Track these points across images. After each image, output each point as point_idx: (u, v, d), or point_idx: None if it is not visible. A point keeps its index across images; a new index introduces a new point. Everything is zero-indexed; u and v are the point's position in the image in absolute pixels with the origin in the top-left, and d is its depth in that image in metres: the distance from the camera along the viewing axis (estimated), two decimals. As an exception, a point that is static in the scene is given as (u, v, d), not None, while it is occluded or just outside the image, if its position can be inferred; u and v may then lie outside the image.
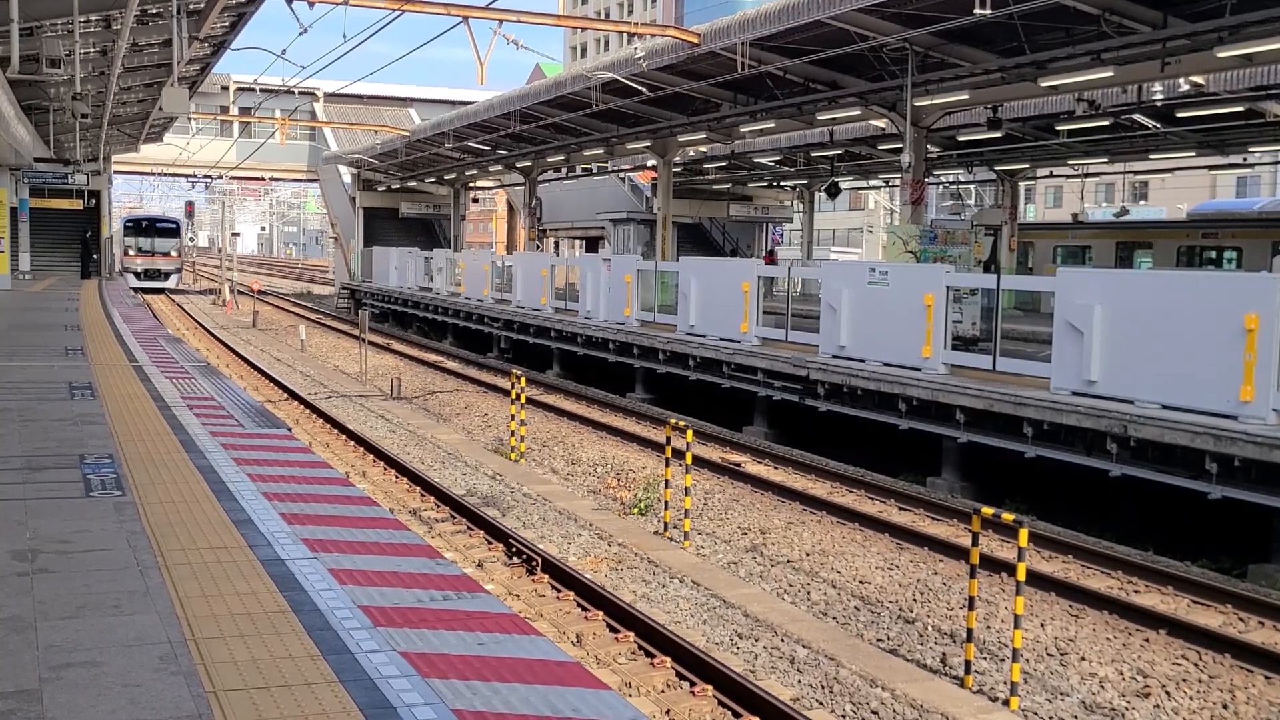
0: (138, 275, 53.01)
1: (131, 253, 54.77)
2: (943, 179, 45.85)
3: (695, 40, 20.37)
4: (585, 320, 24.95)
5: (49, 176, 34.61)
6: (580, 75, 24.93)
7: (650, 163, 36.14)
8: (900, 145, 21.48)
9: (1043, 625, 9.60)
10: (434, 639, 4.70)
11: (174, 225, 57.38)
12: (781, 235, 57.75)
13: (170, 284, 55.36)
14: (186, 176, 59.45)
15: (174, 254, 55.97)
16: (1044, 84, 18.60)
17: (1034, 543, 11.41)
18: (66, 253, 41.36)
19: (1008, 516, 8.54)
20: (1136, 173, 40.61)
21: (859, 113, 22.93)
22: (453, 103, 53.56)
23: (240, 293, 53.01)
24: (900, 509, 13.61)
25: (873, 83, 20.99)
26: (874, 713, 7.68)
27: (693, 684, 7.88)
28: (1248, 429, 10.97)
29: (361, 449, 16.97)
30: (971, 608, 8.40)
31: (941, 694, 8.00)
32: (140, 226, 55.67)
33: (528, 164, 37.98)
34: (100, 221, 42.73)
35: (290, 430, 10.30)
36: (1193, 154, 31.64)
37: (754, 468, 15.75)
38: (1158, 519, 12.64)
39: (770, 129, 26.99)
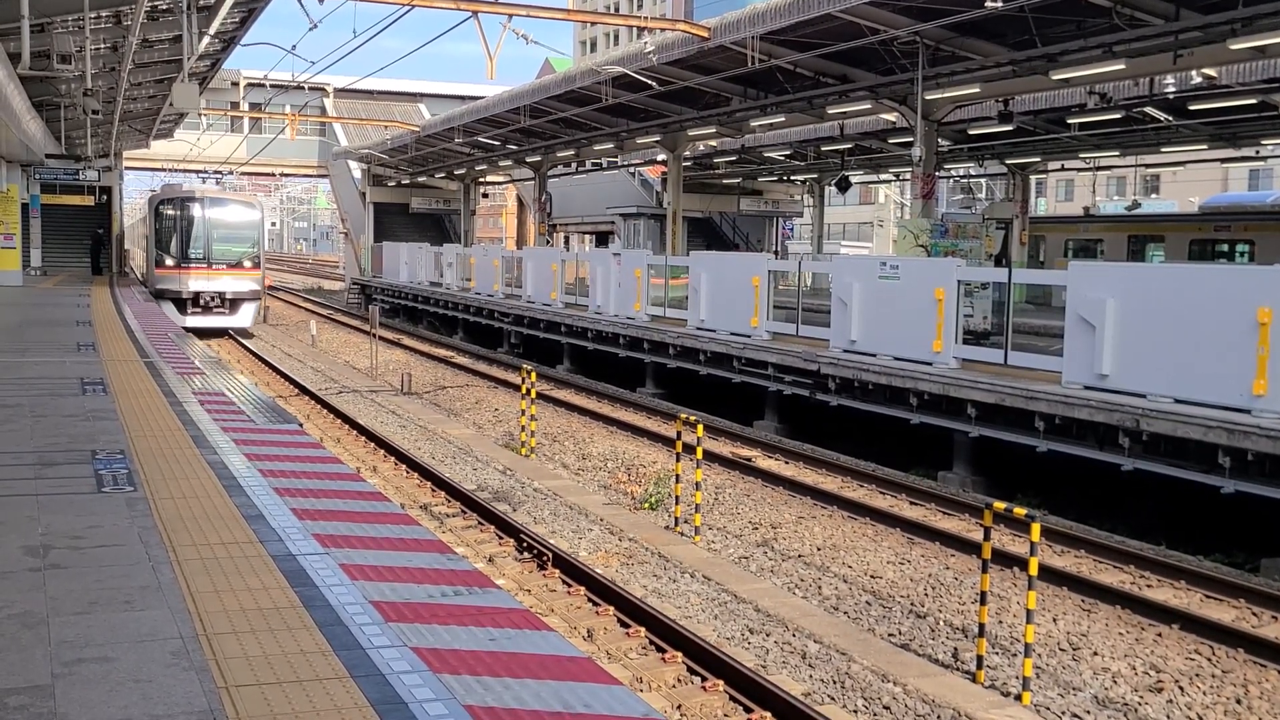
0: (182, 304, 31.43)
1: (169, 262, 31.91)
2: (953, 173, 45.74)
3: (705, 34, 20.34)
4: (595, 315, 24.94)
5: (60, 173, 34.68)
6: (590, 70, 24.91)
7: (660, 157, 36.11)
8: (911, 139, 21.43)
9: (1055, 620, 9.57)
10: (445, 634, 4.69)
11: (250, 211, 34.11)
12: (792, 229, 57.64)
13: (241, 321, 32.81)
14: (197, 172, 59.36)
15: (248, 265, 32.65)
16: (1055, 77, 18.53)
17: (1046, 537, 11.38)
18: (78, 249, 41.44)
19: (1019, 511, 8.51)
20: (1148, 166, 40.53)
21: (869, 106, 22.88)
22: (462, 98, 53.55)
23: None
24: (911, 504, 13.59)
25: (883, 76, 20.94)
26: (886, 708, 7.66)
27: (704, 679, 7.87)
28: (1261, 423, 10.91)
29: (372, 444, 16.99)
30: (983, 602, 8.38)
31: (953, 689, 7.99)
32: (186, 212, 32.29)
33: (537, 159, 37.97)
34: (111, 217, 42.81)
35: (301, 425, 10.31)
36: (1205, 147, 31.53)
37: (765, 462, 15.74)
38: (1170, 513, 12.59)
39: (780, 123, 26.94)
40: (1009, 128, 25.55)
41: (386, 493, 12.73)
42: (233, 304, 32.31)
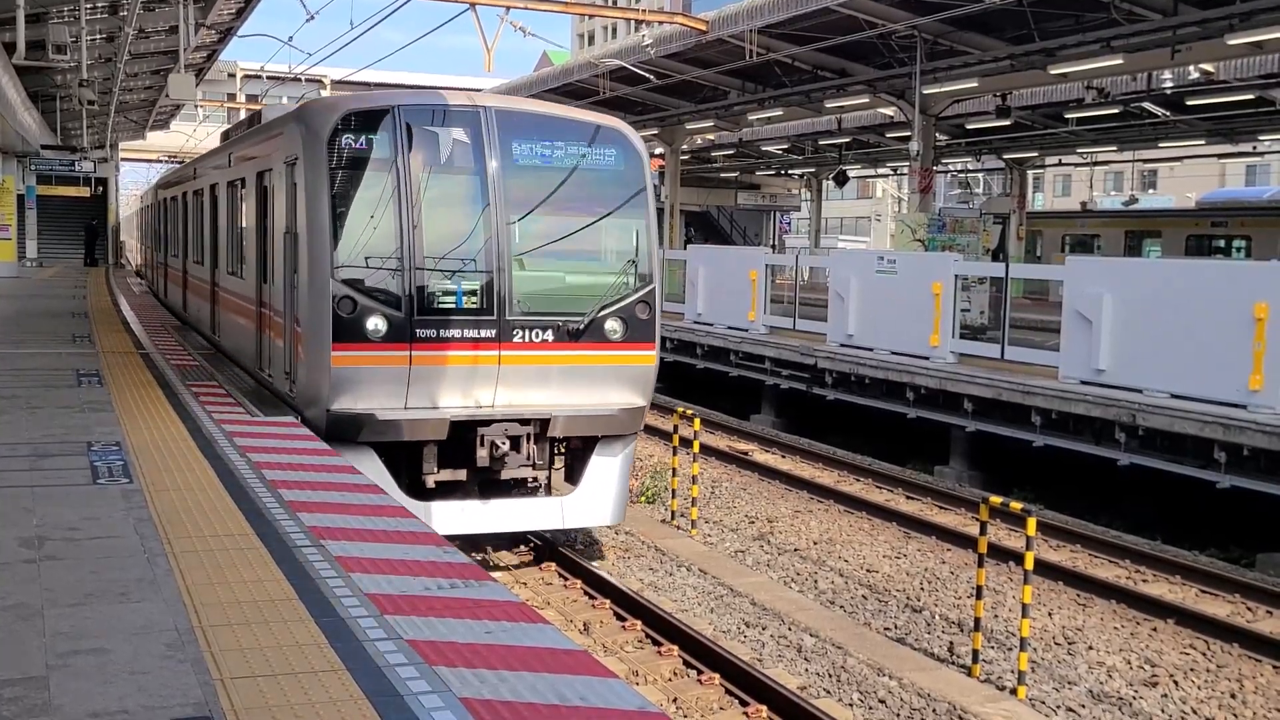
0: (410, 453, 9.26)
1: (376, 326, 8.89)
2: (951, 167, 45.71)
3: (703, 28, 20.32)
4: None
5: (56, 164, 34.57)
6: (588, 63, 24.91)
7: (658, 151, 36.07)
8: (909, 133, 21.43)
9: (1050, 614, 9.58)
10: (441, 627, 4.68)
11: (622, 154, 10.35)
12: (789, 224, 57.61)
13: (594, 511, 9.85)
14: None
15: (617, 329, 9.59)
16: (1053, 71, 18.55)
17: (1042, 532, 11.36)
18: (74, 241, 41.35)
19: (1015, 505, 8.52)
20: (1145, 161, 40.53)
21: (867, 100, 22.88)
22: (460, 90, 53.51)
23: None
24: (908, 498, 13.59)
25: (881, 70, 20.92)
26: (881, 701, 7.67)
27: (700, 672, 7.88)
28: (1257, 418, 10.93)
29: (368, 437, 16.93)
30: (979, 596, 8.39)
31: (949, 683, 7.99)
32: (433, 157, 9.14)
33: (535, 152, 37.90)
34: (108, 209, 42.68)
35: (297, 419, 10.28)
36: (1202, 142, 31.55)
37: (761, 456, 15.73)
38: (1166, 508, 12.60)
39: (778, 117, 26.94)
40: (1007, 122, 25.57)
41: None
42: (566, 455, 10.48)
